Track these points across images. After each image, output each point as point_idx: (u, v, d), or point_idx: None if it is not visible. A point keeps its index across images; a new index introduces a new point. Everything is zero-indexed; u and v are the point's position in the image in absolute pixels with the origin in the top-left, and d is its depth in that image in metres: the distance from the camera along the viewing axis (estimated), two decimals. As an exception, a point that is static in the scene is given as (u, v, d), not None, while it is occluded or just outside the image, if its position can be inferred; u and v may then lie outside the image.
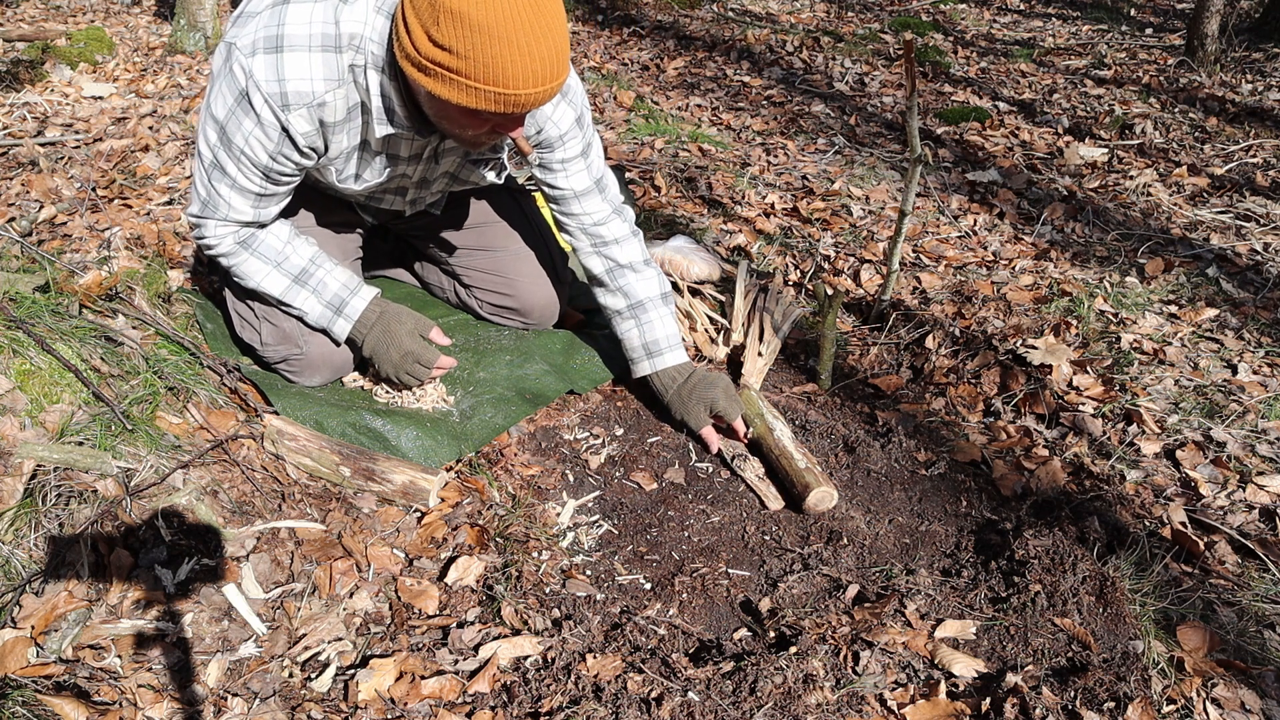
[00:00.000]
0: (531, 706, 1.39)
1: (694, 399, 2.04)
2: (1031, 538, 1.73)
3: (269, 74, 1.57)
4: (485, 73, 1.44)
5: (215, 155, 1.69)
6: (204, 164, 1.72)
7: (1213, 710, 1.44)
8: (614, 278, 2.09)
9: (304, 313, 1.92)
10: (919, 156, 2.24)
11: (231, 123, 1.64)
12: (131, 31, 5.29)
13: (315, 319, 1.93)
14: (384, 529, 1.76)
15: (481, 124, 1.59)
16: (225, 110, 1.63)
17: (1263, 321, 2.64)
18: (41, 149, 3.11)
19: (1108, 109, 4.73)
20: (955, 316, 2.62)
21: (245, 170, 1.70)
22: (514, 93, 1.48)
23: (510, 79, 1.46)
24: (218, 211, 1.76)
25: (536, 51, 1.45)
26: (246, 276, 1.88)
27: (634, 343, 2.11)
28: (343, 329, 1.94)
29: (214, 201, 1.75)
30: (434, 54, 1.45)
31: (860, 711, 1.42)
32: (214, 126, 1.66)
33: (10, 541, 1.45)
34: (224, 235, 1.81)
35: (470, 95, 1.48)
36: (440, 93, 1.49)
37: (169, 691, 1.35)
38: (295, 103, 1.61)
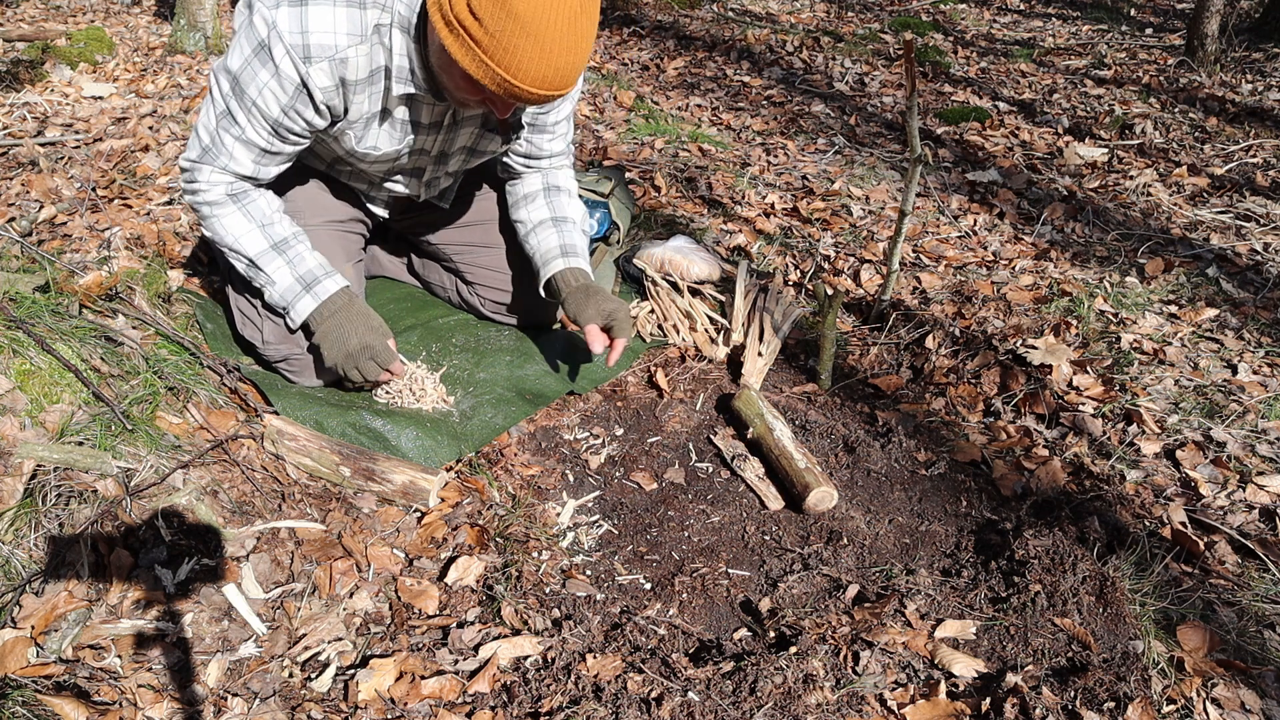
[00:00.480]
0: (531, 706, 1.39)
1: (594, 301, 2.03)
2: (1031, 538, 1.73)
3: (292, 25, 1.58)
4: (502, 57, 1.48)
5: (227, 104, 1.69)
6: (214, 111, 1.71)
7: (1213, 710, 1.44)
8: (550, 195, 2.14)
9: (273, 281, 1.87)
10: (919, 156, 2.24)
11: (246, 73, 1.63)
12: (131, 31, 5.29)
13: (281, 291, 1.88)
14: (384, 529, 1.76)
15: (476, 94, 1.63)
16: (241, 60, 1.63)
17: (1263, 321, 2.64)
18: (41, 149, 3.11)
19: (1108, 109, 4.73)
20: (955, 316, 2.62)
21: (255, 122, 1.69)
22: (519, 85, 1.52)
23: (522, 73, 1.50)
24: (217, 160, 1.75)
25: (555, 60, 1.50)
26: (225, 232, 1.83)
27: (552, 244, 2.10)
28: (306, 307, 1.88)
29: (216, 149, 1.74)
30: (465, 18, 1.48)
31: (860, 711, 1.42)
32: (227, 76, 1.66)
33: (10, 541, 1.45)
34: (217, 183, 1.79)
35: (479, 68, 1.52)
36: (455, 53, 1.53)
37: (169, 691, 1.35)
38: (317, 55, 1.61)
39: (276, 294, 1.89)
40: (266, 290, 1.90)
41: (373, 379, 1.92)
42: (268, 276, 1.87)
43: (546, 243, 2.10)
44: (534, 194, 2.14)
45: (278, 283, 1.88)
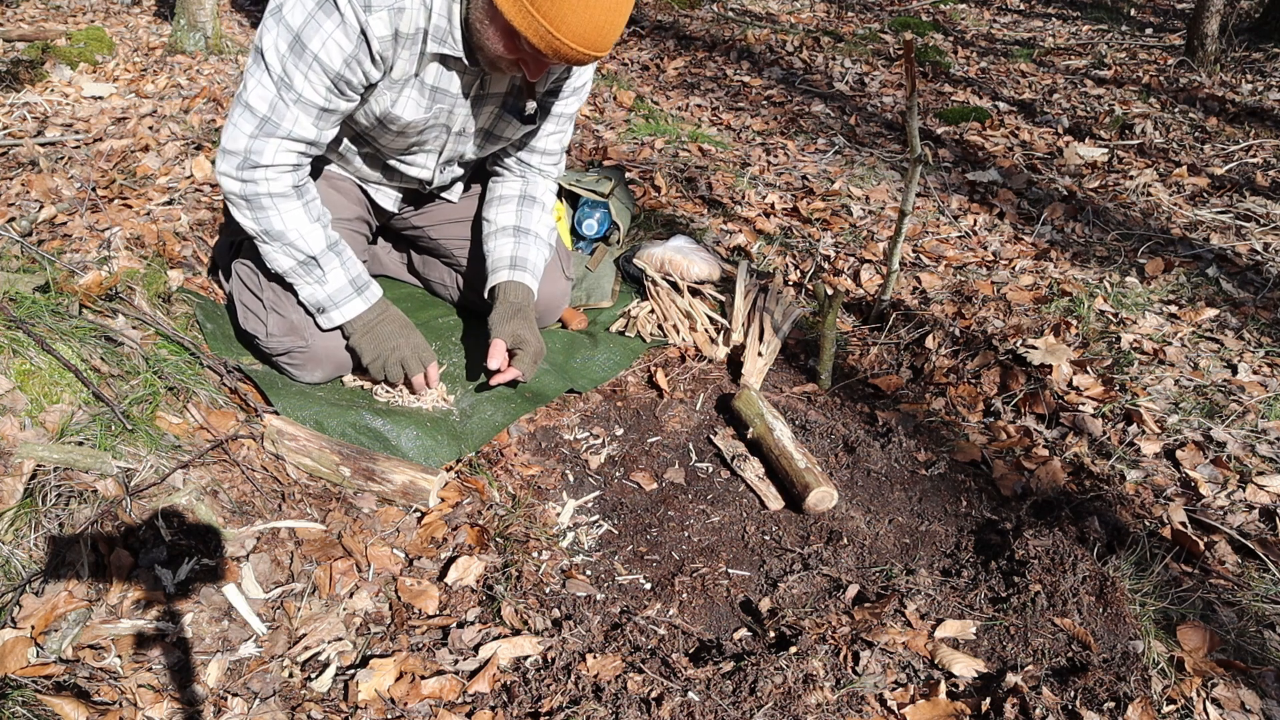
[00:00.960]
0: (531, 706, 1.39)
1: (514, 323, 2.02)
2: (1031, 538, 1.73)
3: None
4: (550, 9, 1.52)
5: (284, 67, 1.67)
6: (269, 79, 1.69)
7: (1213, 710, 1.44)
8: (522, 204, 2.15)
9: (325, 280, 1.88)
10: (919, 156, 2.24)
11: (310, 26, 1.63)
12: (131, 31, 5.29)
13: (331, 291, 1.90)
14: (384, 529, 1.76)
15: (513, 50, 1.65)
16: (304, 14, 1.63)
17: (1263, 321, 2.64)
18: (41, 149, 3.11)
19: (1108, 109, 4.73)
20: (955, 316, 2.62)
21: (314, 80, 1.68)
22: (561, 41, 1.56)
23: (565, 28, 1.54)
24: (279, 129, 1.72)
25: (598, 18, 1.54)
26: (286, 227, 1.82)
27: (504, 253, 2.10)
28: (355, 308, 1.92)
29: (278, 116, 1.71)
30: None
31: (860, 711, 1.42)
32: (287, 34, 1.65)
33: (10, 541, 1.45)
34: (284, 165, 1.77)
35: (524, 19, 1.55)
36: (500, 3, 1.55)
37: (169, 691, 1.35)
38: (377, 5, 1.62)
39: (324, 293, 1.90)
40: (310, 289, 1.90)
41: (399, 380, 1.98)
42: (322, 274, 1.88)
43: (500, 250, 2.11)
44: (509, 198, 2.15)
45: (330, 282, 1.89)
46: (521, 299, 2.06)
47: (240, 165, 1.75)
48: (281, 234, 1.83)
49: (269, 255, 1.88)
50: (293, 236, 1.83)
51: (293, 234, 1.83)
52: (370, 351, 1.95)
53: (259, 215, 1.81)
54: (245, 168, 1.75)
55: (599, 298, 2.63)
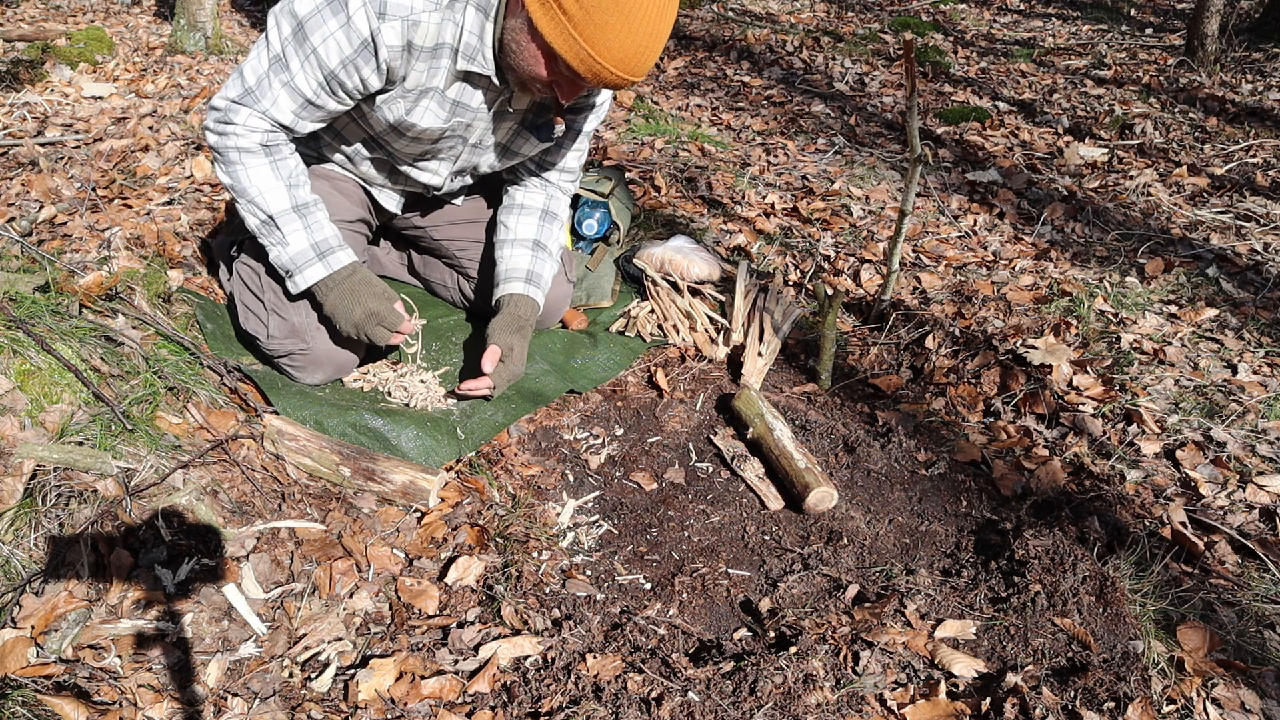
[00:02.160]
0: (531, 706, 1.39)
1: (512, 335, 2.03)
2: (1031, 538, 1.73)
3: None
4: (592, 33, 1.53)
5: (283, 48, 1.68)
6: (267, 54, 1.70)
7: (1213, 710, 1.44)
8: (545, 219, 2.16)
9: (286, 242, 1.84)
10: (919, 156, 2.24)
11: (314, 20, 1.63)
12: (131, 31, 5.29)
13: (293, 254, 1.85)
14: (384, 529, 1.76)
15: (551, 74, 1.65)
16: (311, 7, 1.63)
17: (1263, 321, 2.64)
18: (41, 149, 3.11)
19: (1108, 109, 4.73)
20: (955, 316, 2.62)
21: (308, 71, 1.69)
22: (601, 65, 1.56)
23: (606, 52, 1.54)
24: (259, 103, 1.74)
25: (639, 43, 1.55)
26: (249, 183, 1.80)
27: (521, 264, 2.11)
28: (315, 274, 1.86)
29: (260, 91, 1.73)
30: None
31: (860, 711, 1.42)
32: (291, 20, 1.66)
33: (10, 541, 1.45)
34: (254, 129, 1.77)
35: (565, 42, 1.55)
36: (541, 24, 1.56)
37: (169, 691, 1.35)
38: (392, 14, 1.62)
39: (286, 255, 1.86)
40: (275, 250, 1.87)
41: (384, 343, 1.93)
42: (282, 236, 1.85)
43: (517, 261, 2.11)
44: (532, 209, 2.15)
45: (291, 245, 1.85)
46: (528, 314, 2.08)
47: (218, 120, 1.78)
48: (245, 190, 1.82)
49: (241, 212, 1.87)
50: (253, 194, 1.81)
51: (253, 190, 1.81)
52: (341, 326, 1.91)
53: (228, 169, 1.82)
54: (220, 122, 1.78)
55: (599, 298, 2.63)
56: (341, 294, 1.89)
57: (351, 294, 1.89)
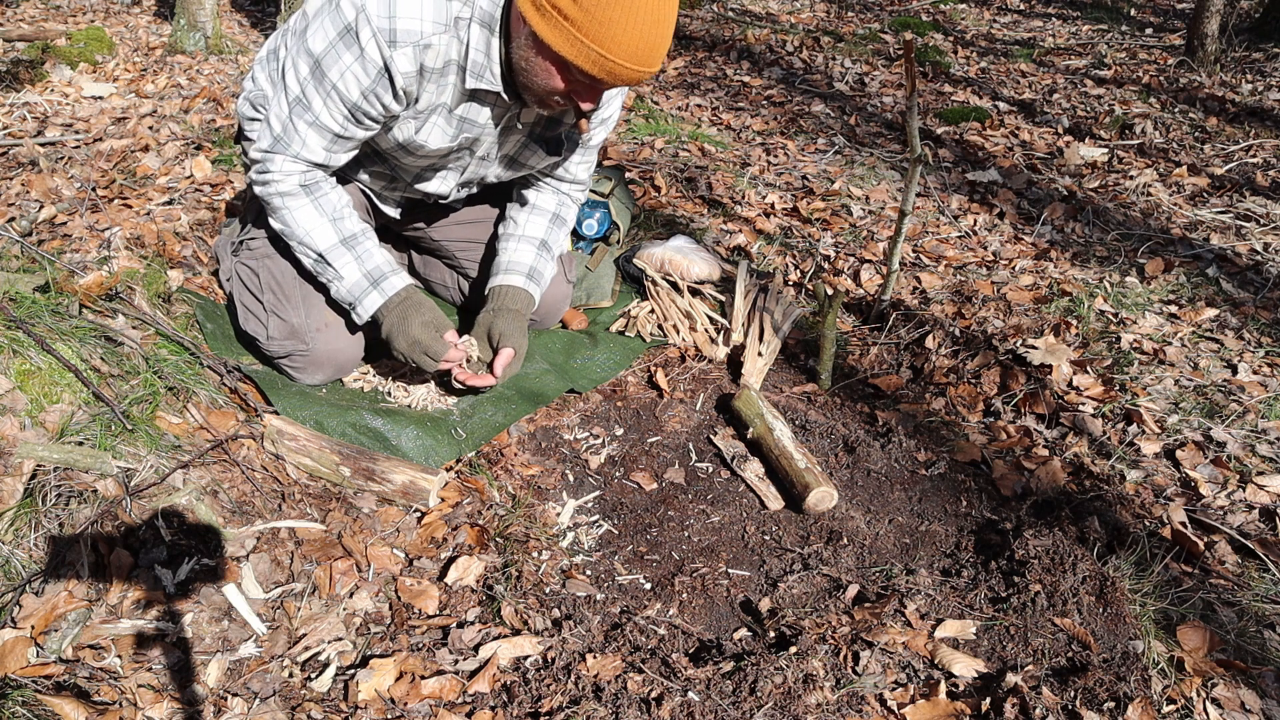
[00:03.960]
0: (531, 706, 1.39)
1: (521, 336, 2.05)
2: (1031, 538, 1.73)
3: (380, 10, 1.59)
4: (598, 31, 1.50)
5: (303, 89, 1.69)
6: (287, 98, 1.72)
7: (1213, 710, 1.44)
8: (554, 222, 2.17)
9: (340, 276, 1.88)
10: (919, 156, 2.24)
11: (329, 56, 1.64)
12: (131, 31, 5.29)
13: (349, 286, 1.89)
14: (384, 529, 1.76)
15: (565, 82, 1.63)
16: (325, 44, 1.63)
17: (1263, 321, 2.64)
18: (41, 149, 3.11)
19: (1108, 109, 4.73)
20: (955, 316, 2.62)
21: (331, 107, 1.70)
22: (614, 61, 1.53)
23: (617, 48, 1.51)
24: (289, 147, 1.76)
25: (648, 33, 1.52)
26: (296, 224, 1.84)
27: (525, 260, 2.11)
28: (373, 303, 1.90)
29: (289, 136, 1.75)
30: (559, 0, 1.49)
31: (860, 711, 1.42)
32: (307, 60, 1.66)
33: (10, 541, 1.45)
34: (291, 172, 1.79)
35: (573, 47, 1.53)
36: (546, 36, 1.53)
37: (169, 691, 1.35)
38: (403, 40, 1.62)
39: (344, 289, 1.90)
40: (333, 285, 1.90)
41: (432, 370, 1.96)
42: (335, 271, 1.88)
43: (521, 256, 2.12)
44: (543, 210, 2.16)
45: (345, 278, 1.88)
46: (528, 310, 2.09)
47: (258, 171, 1.82)
48: (294, 232, 1.85)
49: (296, 254, 1.91)
50: (301, 234, 1.85)
51: (301, 231, 1.84)
52: (394, 346, 1.93)
53: (275, 215, 1.86)
54: (259, 174, 1.82)
55: (599, 298, 2.63)
56: (393, 322, 1.91)
57: (401, 322, 1.90)
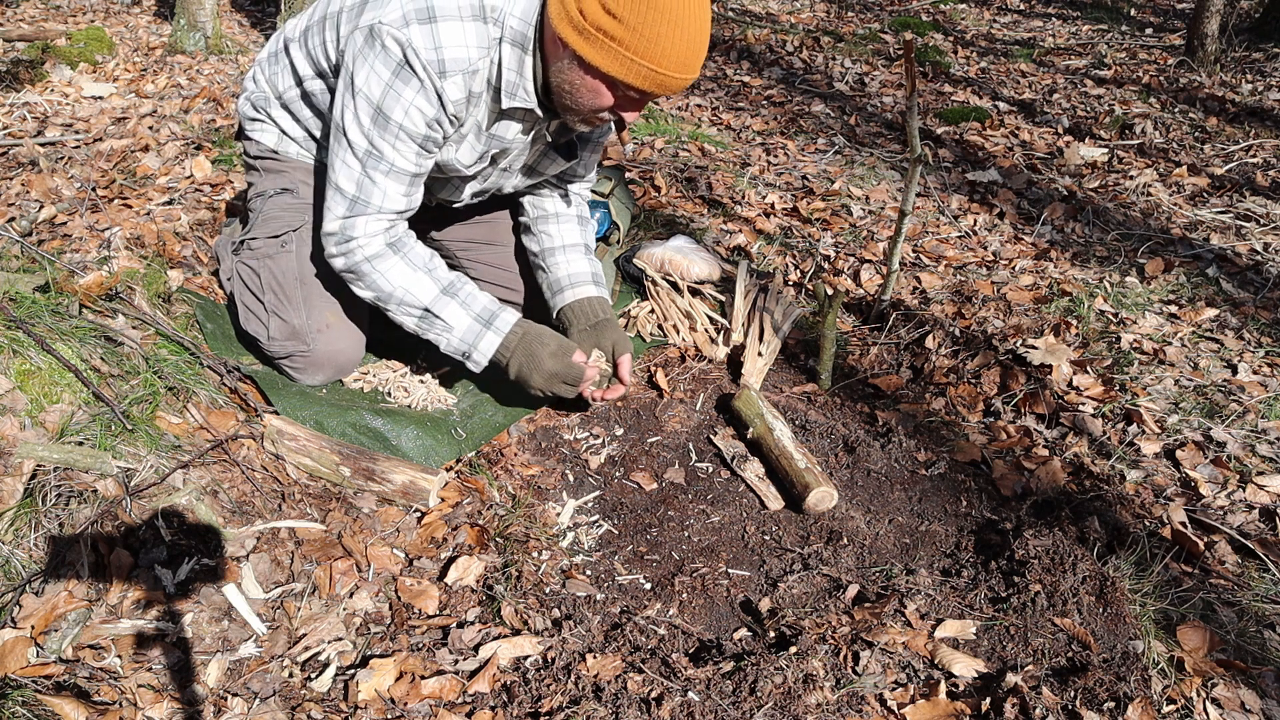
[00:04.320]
0: (531, 706, 1.39)
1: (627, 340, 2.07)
2: (1031, 538, 1.73)
3: (426, 42, 1.58)
4: (646, 47, 1.51)
5: (370, 141, 1.67)
6: (355, 154, 1.69)
7: (1213, 710, 1.44)
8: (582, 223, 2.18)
9: (450, 327, 1.84)
10: (919, 156, 2.24)
11: (389, 97, 1.62)
12: (131, 31, 5.29)
13: (461, 335, 1.85)
14: (384, 529, 1.76)
15: (611, 99, 1.63)
16: (381, 86, 1.61)
17: (1263, 321, 2.64)
18: (41, 149, 3.11)
19: (1108, 109, 4.73)
20: (955, 316, 2.62)
21: (402, 148, 1.68)
22: (663, 73, 1.54)
23: (666, 60, 1.53)
24: (369, 205, 1.73)
25: (693, 40, 1.54)
26: (391, 285, 1.80)
27: (583, 268, 2.12)
28: (490, 345, 1.87)
29: (366, 195, 1.72)
30: (601, 20, 1.50)
31: (860, 711, 1.42)
32: (368, 109, 1.64)
33: (10, 541, 1.45)
34: (375, 234, 1.76)
35: (623, 66, 1.54)
36: (593, 58, 1.54)
37: (169, 691, 1.35)
38: (452, 69, 1.61)
39: (455, 339, 1.86)
40: (444, 339, 1.86)
41: (573, 397, 1.97)
42: (444, 323, 1.84)
43: (577, 265, 2.12)
44: (567, 216, 2.16)
45: (455, 327, 1.84)
46: (609, 311, 2.11)
47: (338, 242, 1.79)
48: (391, 294, 1.81)
49: (395, 319, 1.88)
50: (400, 294, 1.81)
51: (400, 291, 1.80)
52: (528, 384, 1.92)
53: (366, 283, 1.82)
54: (341, 243, 1.78)
55: (599, 298, 2.63)
56: (520, 362, 1.89)
57: (530, 359, 1.88)
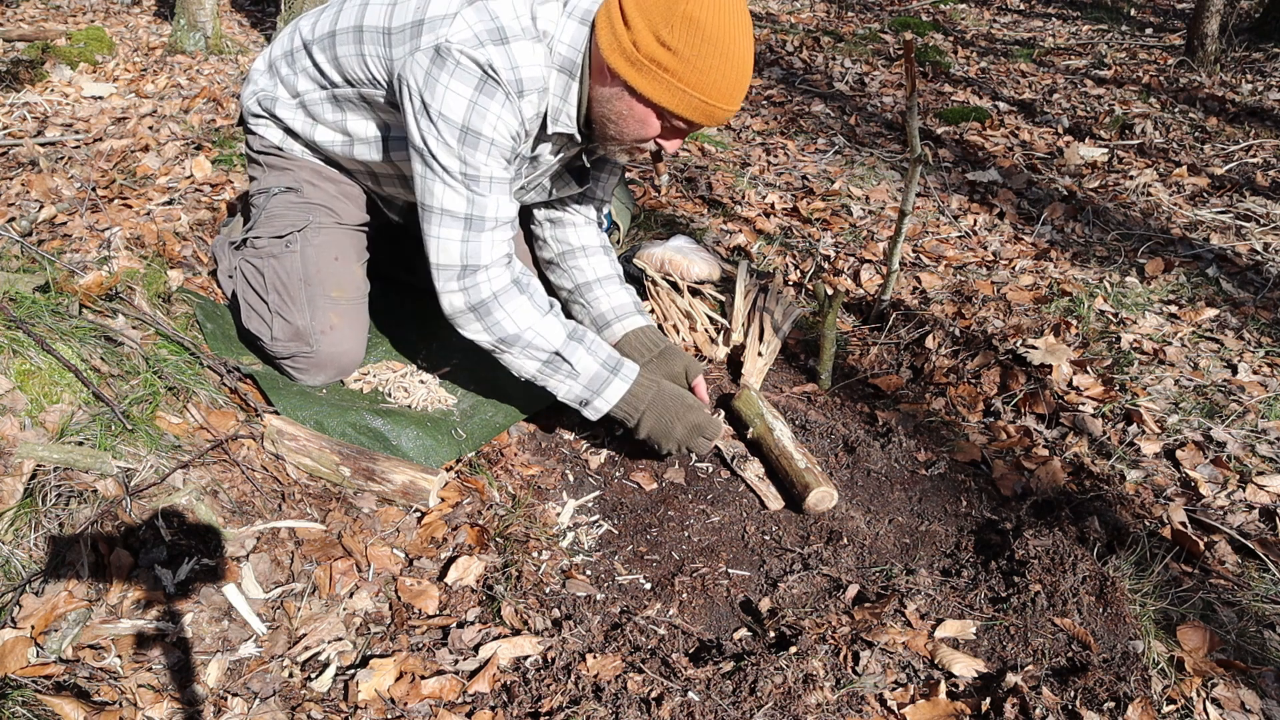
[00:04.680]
0: (531, 706, 1.39)
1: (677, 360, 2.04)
2: (1031, 538, 1.73)
3: (504, 62, 1.58)
4: (698, 79, 1.54)
5: (463, 161, 1.62)
6: (453, 177, 1.64)
7: (1213, 710, 1.44)
8: (607, 252, 2.15)
9: (576, 372, 1.79)
10: (919, 156, 2.24)
11: (475, 113, 1.60)
12: (131, 31, 5.29)
13: (587, 380, 1.80)
14: (384, 529, 1.76)
15: (657, 129, 1.65)
16: (465, 104, 1.59)
17: (1263, 321, 2.64)
18: (41, 149, 3.11)
19: (1108, 109, 4.73)
20: (955, 316, 2.62)
21: (495, 159, 1.65)
22: (712, 104, 1.57)
23: (715, 91, 1.56)
24: (485, 221, 1.67)
25: (741, 71, 1.57)
26: (520, 326, 1.74)
27: (624, 299, 2.10)
28: (615, 391, 1.82)
29: (480, 210, 1.66)
30: (655, 52, 1.52)
31: (860, 711, 1.42)
32: (453, 130, 1.60)
33: (10, 541, 1.45)
34: (500, 262, 1.71)
35: (675, 97, 1.56)
36: (645, 89, 1.56)
37: (169, 691, 1.35)
38: (529, 88, 1.62)
39: (579, 386, 1.81)
40: (564, 386, 1.81)
41: (705, 452, 1.95)
42: (570, 368, 1.79)
43: (619, 297, 2.10)
44: (592, 248, 2.13)
45: (582, 372, 1.79)
46: (662, 342, 2.08)
47: (460, 275, 1.71)
48: (517, 337, 1.76)
49: (511, 365, 1.82)
50: (529, 336, 1.76)
51: (528, 333, 1.76)
52: (663, 439, 1.87)
53: (490, 323, 1.75)
54: (465, 275, 1.71)
55: (599, 298, 2.63)
56: (655, 415, 1.85)
57: (665, 412, 1.84)
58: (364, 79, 1.78)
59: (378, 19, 1.72)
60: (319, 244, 2.00)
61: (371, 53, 1.73)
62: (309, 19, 1.91)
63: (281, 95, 1.95)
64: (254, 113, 2.01)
